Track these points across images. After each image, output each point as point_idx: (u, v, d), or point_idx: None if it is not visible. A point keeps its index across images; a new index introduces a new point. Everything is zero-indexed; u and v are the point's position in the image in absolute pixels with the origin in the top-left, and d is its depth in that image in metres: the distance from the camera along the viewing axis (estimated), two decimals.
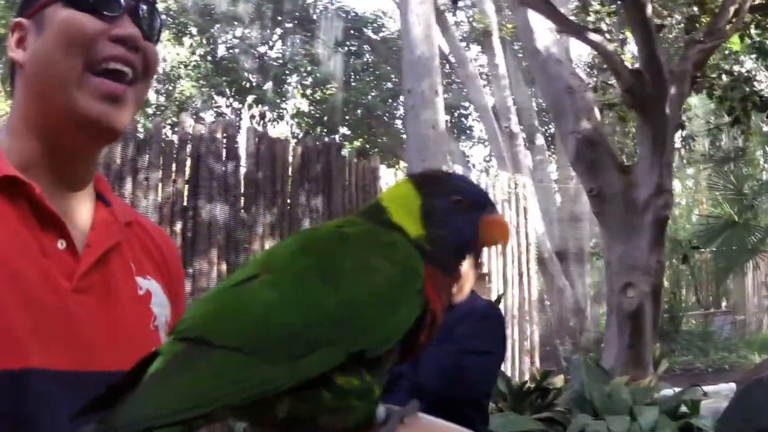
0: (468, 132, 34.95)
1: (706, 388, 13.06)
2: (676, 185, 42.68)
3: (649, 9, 8.39)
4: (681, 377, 18.86)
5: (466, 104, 30.73)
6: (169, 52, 22.69)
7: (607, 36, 14.70)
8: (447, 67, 29.79)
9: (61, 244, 1.70)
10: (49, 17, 1.76)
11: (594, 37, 8.68)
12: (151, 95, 24.69)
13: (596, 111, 9.96)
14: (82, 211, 1.84)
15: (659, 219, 8.75)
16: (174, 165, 9.75)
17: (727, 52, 12.77)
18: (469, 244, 1.10)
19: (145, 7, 1.83)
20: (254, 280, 1.00)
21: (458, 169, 16.42)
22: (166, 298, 1.90)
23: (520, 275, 15.02)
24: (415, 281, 1.00)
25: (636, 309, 8.63)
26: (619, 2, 10.83)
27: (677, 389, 8.64)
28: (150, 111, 23.93)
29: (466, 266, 4.66)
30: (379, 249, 1.01)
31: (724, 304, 34.15)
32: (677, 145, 17.41)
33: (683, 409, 7.36)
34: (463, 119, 34.08)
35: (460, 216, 1.08)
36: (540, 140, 23.84)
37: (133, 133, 9.42)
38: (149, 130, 10.55)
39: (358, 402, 0.96)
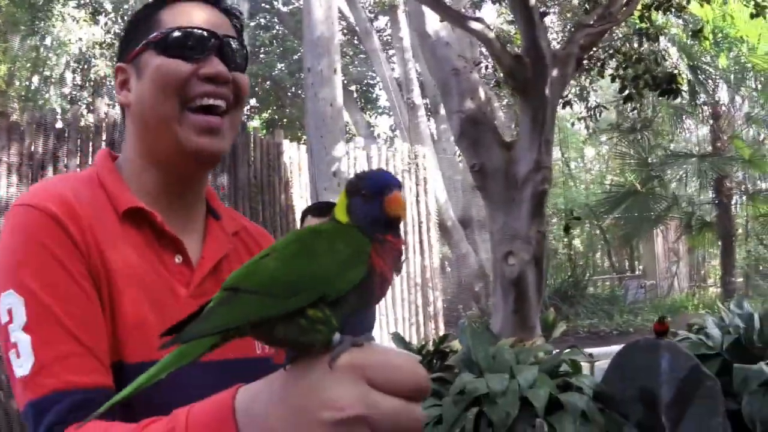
0: (374, 102, 35.05)
1: (605, 350, 13.48)
2: (589, 152, 43.19)
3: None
4: (586, 339, 19.14)
5: (374, 74, 30.83)
6: (85, 33, 22.02)
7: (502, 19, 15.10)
8: (355, 38, 29.96)
9: (178, 259, 1.95)
10: (145, 63, 1.96)
11: (474, 25, 8.87)
12: (68, 76, 23.92)
13: (481, 91, 10.21)
14: (195, 227, 2.08)
15: (537, 193, 9.09)
16: (91, 151, 10.01)
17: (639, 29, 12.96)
18: (379, 220, 1.36)
19: (229, 41, 1.99)
20: (267, 256, 1.35)
21: (361, 140, 16.63)
22: None
23: (421, 243, 15.35)
24: (361, 255, 1.30)
25: (518, 276, 9.00)
26: None
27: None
28: (66, 91, 23.26)
29: None
30: (341, 237, 1.33)
31: (641, 268, 34.85)
32: (584, 114, 17.78)
33: (565, 368, 7.60)
34: (370, 89, 34.24)
35: (367, 204, 1.36)
36: (444, 110, 23.85)
37: (52, 123, 9.71)
38: (67, 117, 10.68)
39: (321, 327, 1.25)
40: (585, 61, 10.92)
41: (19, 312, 1.65)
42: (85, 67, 23.69)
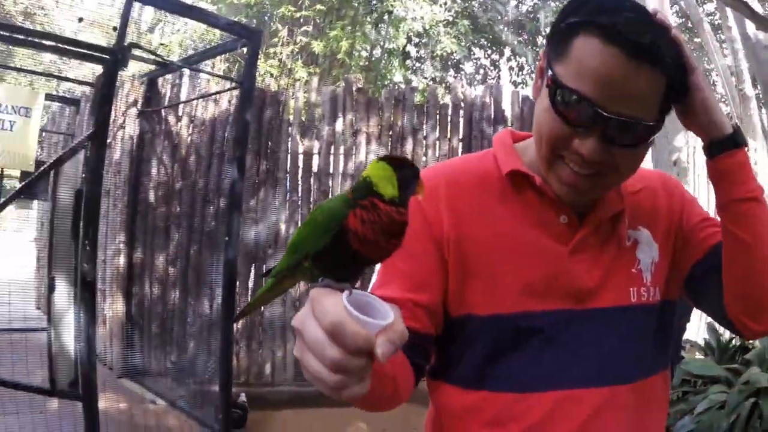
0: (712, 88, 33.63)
1: None
2: None
3: None
4: None
5: (709, 59, 29.73)
6: (426, 13, 21.78)
7: None
8: (688, 23, 29.23)
9: (563, 219, 1.91)
10: (543, 87, 1.82)
11: None
12: (412, 50, 24.51)
13: None
14: None
15: None
16: (449, 126, 10.60)
17: None
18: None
19: (621, 124, 1.68)
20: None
21: None
22: (654, 242, 2.01)
23: None
24: (332, 222, 1.40)
25: None
26: None
27: None
28: (409, 64, 23.89)
29: None
30: (326, 207, 1.45)
31: None
32: None
33: None
34: (706, 75, 33.12)
35: (412, 181, 1.42)
36: None
37: (411, 100, 10.54)
38: (425, 96, 11.43)
39: (308, 273, 1.45)
40: None
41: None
42: (426, 42, 23.46)
